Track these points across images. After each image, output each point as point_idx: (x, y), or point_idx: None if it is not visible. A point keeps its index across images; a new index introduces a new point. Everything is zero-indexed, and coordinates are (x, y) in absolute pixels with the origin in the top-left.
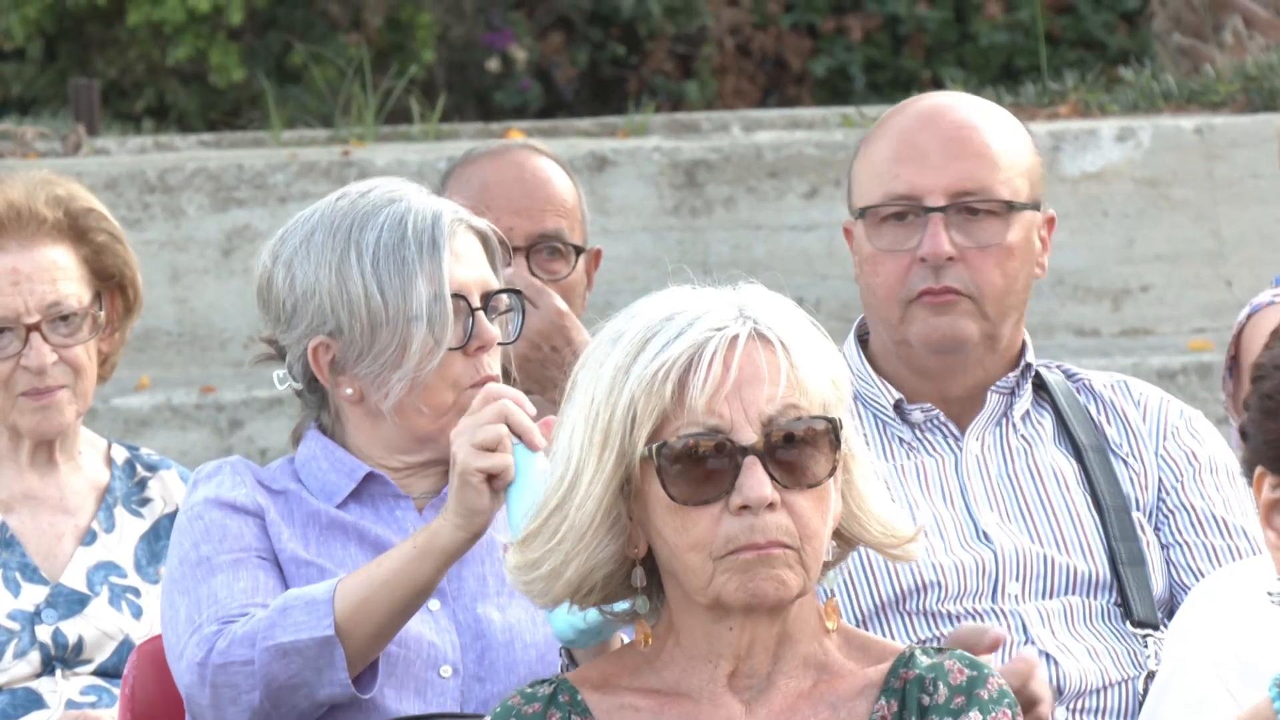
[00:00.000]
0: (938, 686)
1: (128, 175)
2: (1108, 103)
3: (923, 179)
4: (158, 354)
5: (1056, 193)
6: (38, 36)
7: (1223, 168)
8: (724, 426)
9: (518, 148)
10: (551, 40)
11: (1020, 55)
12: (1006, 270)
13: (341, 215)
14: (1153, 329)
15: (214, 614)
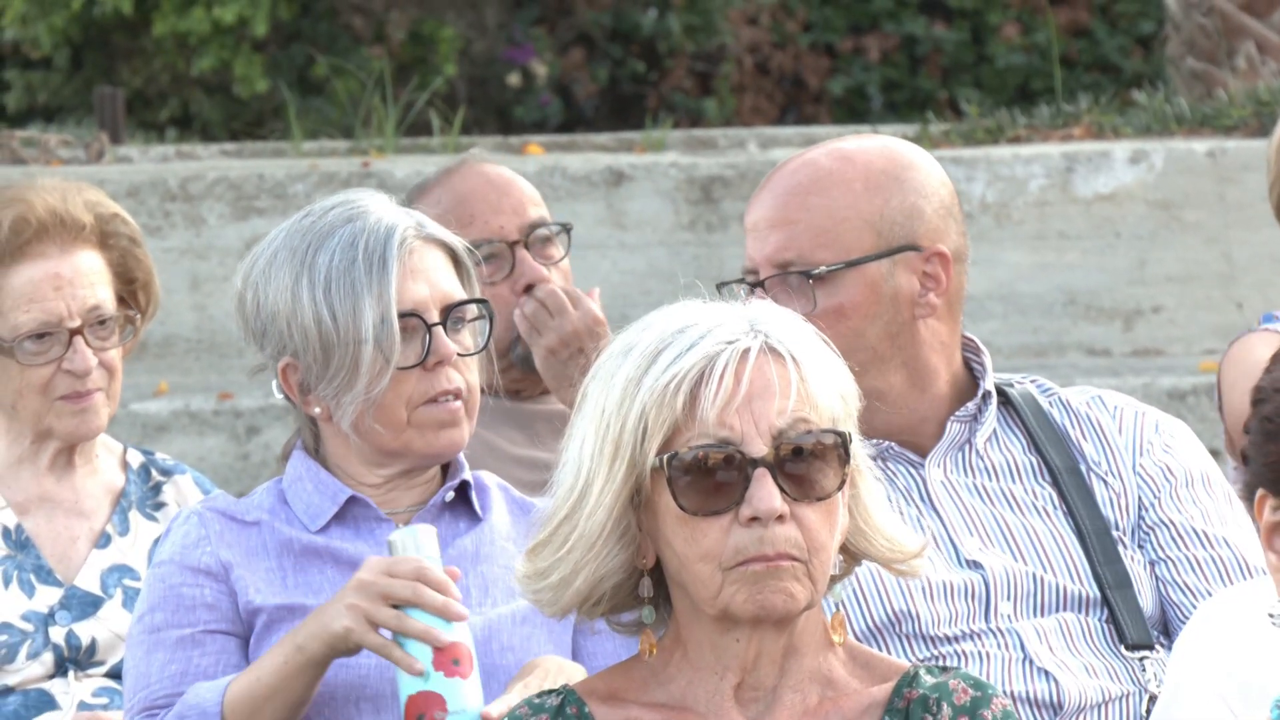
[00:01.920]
0: (942, 707)
1: (150, 183)
2: (1121, 125)
3: (754, 248)
4: (176, 360)
5: (1069, 213)
6: (64, 45)
7: (1234, 191)
8: (734, 439)
9: (470, 161)
10: (572, 56)
11: (1036, 77)
12: (841, 331)
13: (300, 236)
14: (1164, 350)
15: (145, 699)
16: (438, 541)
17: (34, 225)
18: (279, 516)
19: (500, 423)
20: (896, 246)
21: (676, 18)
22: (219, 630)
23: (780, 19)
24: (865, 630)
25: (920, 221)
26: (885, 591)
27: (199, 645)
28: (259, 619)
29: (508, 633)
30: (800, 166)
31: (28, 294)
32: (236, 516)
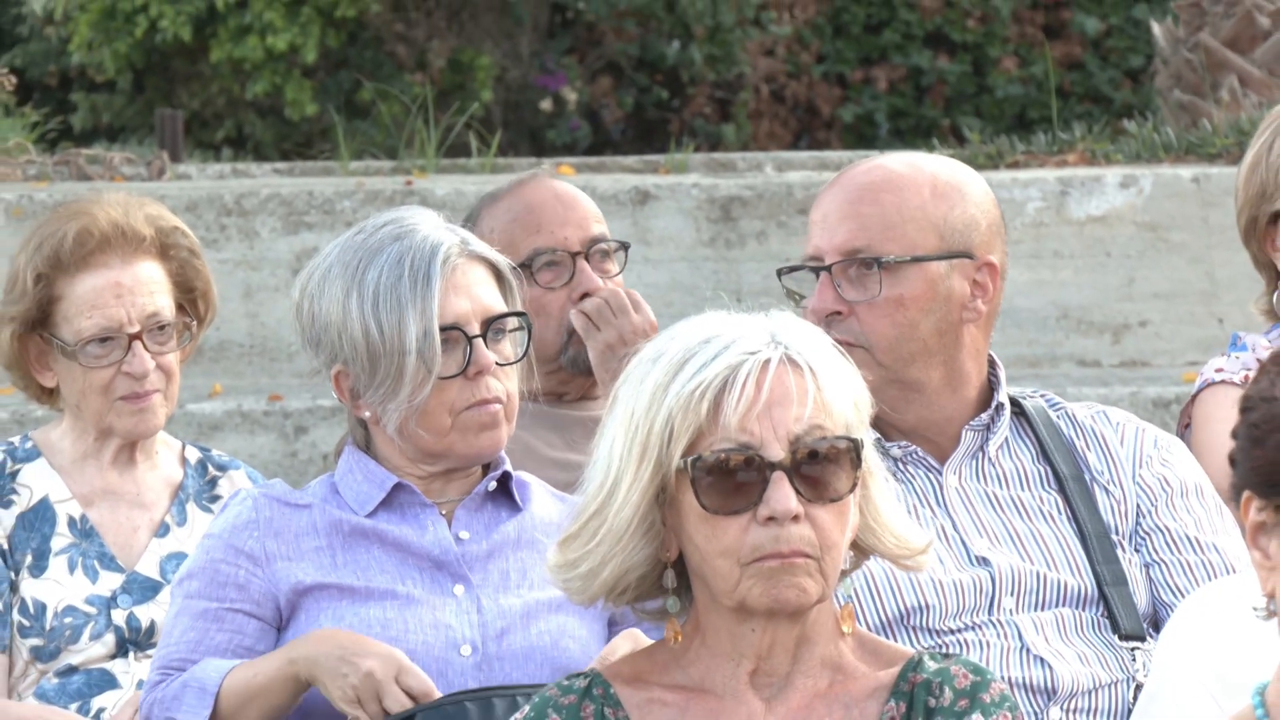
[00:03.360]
0: (944, 690)
1: (207, 199)
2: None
3: (823, 240)
4: (230, 364)
5: (1063, 234)
6: (127, 70)
7: (1217, 214)
8: (754, 443)
9: (540, 175)
10: (600, 84)
11: (1033, 107)
12: (898, 320)
13: (353, 252)
14: (1150, 361)
15: (164, 658)
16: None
17: (97, 237)
18: (330, 503)
19: (539, 426)
20: (955, 251)
21: (698, 49)
22: (241, 610)
23: (795, 50)
24: (878, 622)
25: (976, 233)
26: (899, 587)
27: (218, 620)
28: (306, 597)
29: (544, 617)
30: (873, 168)
31: (91, 301)
32: (290, 502)
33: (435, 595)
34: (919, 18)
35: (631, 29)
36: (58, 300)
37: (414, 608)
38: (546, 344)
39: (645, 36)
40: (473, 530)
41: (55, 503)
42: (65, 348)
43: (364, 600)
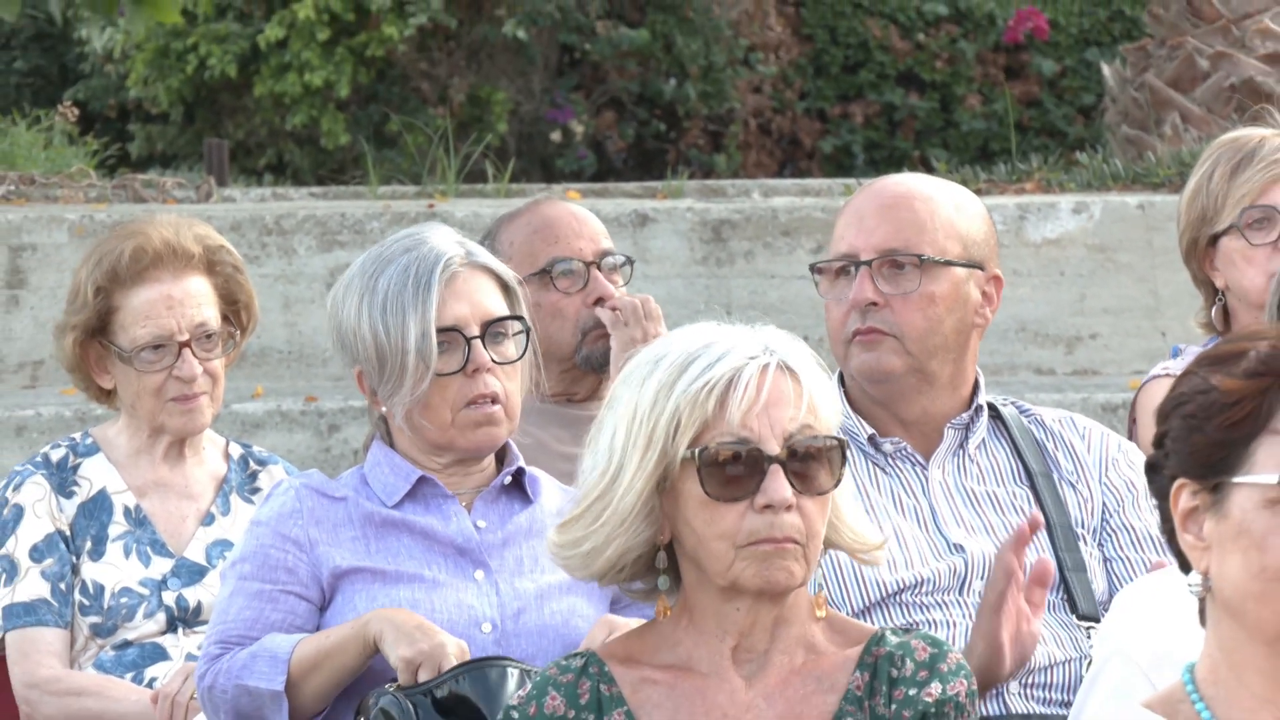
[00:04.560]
0: (905, 662)
1: (249, 219)
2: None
3: (859, 239)
4: (270, 369)
5: (1021, 255)
6: (179, 103)
7: (1160, 238)
8: (753, 439)
9: (554, 197)
10: (605, 117)
11: (994, 140)
12: (928, 314)
13: (371, 263)
14: (1099, 370)
15: (220, 633)
16: None
17: (151, 254)
18: (361, 494)
19: (550, 423)
20: (974, 261)
21: (693, 86)
22: (292, 593)
23: (780, 88)
24: (869, 602)
25: (987, 248)
26: (879, 571)
27: (273, 601)
28: (343, 580)
29: (556, 599)
30: (901, 180)
31: (144, 312)
32: (327, 493)
33: (458, 579)
34: (892, 59)
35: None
36: (115, 310)
37: (440, 590)
38: (563, 344)
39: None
40: (489, 520)
41: (112, 494)
42: (122, 353)
43: (394, 583)
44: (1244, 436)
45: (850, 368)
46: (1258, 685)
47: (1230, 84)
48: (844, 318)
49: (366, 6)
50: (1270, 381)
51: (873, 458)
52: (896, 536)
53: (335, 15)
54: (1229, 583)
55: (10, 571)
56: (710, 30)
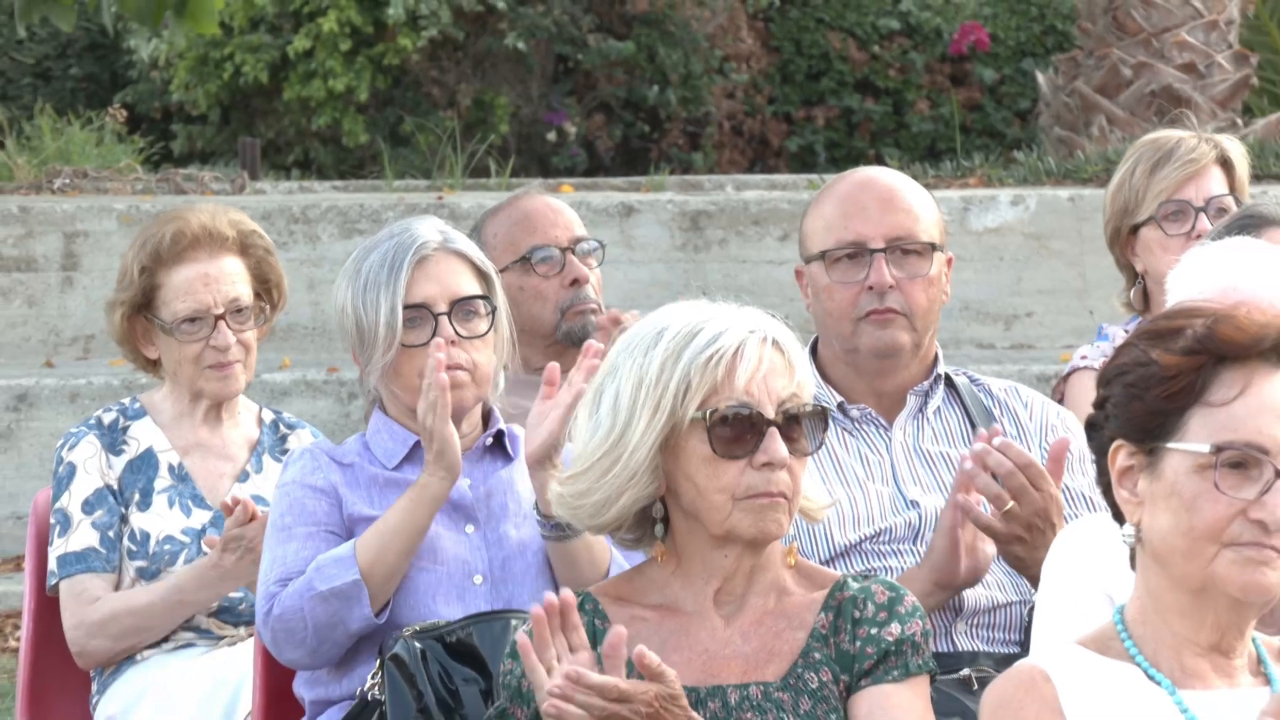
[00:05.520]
0: (866, 604)
1: (278, 210)
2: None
3: (866, 228)
4: (296, 343)
5: (965, 242)
6: (216, 106)
7: (1089, 227)
8: (754, 404)
9: (531, 191)
10: (595, 120)
11: (941, 140)
12: (930, 295)
13: (363, 249)
14: (1034, 345)
15: (279, 574)
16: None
17: (189, 237)
18: (365, 459)
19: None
20: (942, 245)
21: (673, 92)
22: (332, 531)
23: (751, 94)
24: (837, 549)
25: (944, 234)
26: (844, 525)
27: (322, 539)
28: (358, 525)
29: (536, 545)
30: (882, 174)
31: (184, 289)
32: (337, 458)
33: (452, 533)
34: (850, 68)
35: (620, 76)
36: (158, 288)
37: (438, 543)
38: (544, 323)
39: (631, 82)
40: (474, 477)
41: (158, 452)
42: (164, 326)
43: None
44: (1179, 407)
45: (860, 344)
46: (1180, 627)
47: (1151, 90)
48: (854, 299)
49: (384, 20)
50: (1205, 359)
51: (841, 423)
52: (862, 492)
53: (356, 28)
54: (1158, 536)
55: (64, 524)
56: (689, 42)
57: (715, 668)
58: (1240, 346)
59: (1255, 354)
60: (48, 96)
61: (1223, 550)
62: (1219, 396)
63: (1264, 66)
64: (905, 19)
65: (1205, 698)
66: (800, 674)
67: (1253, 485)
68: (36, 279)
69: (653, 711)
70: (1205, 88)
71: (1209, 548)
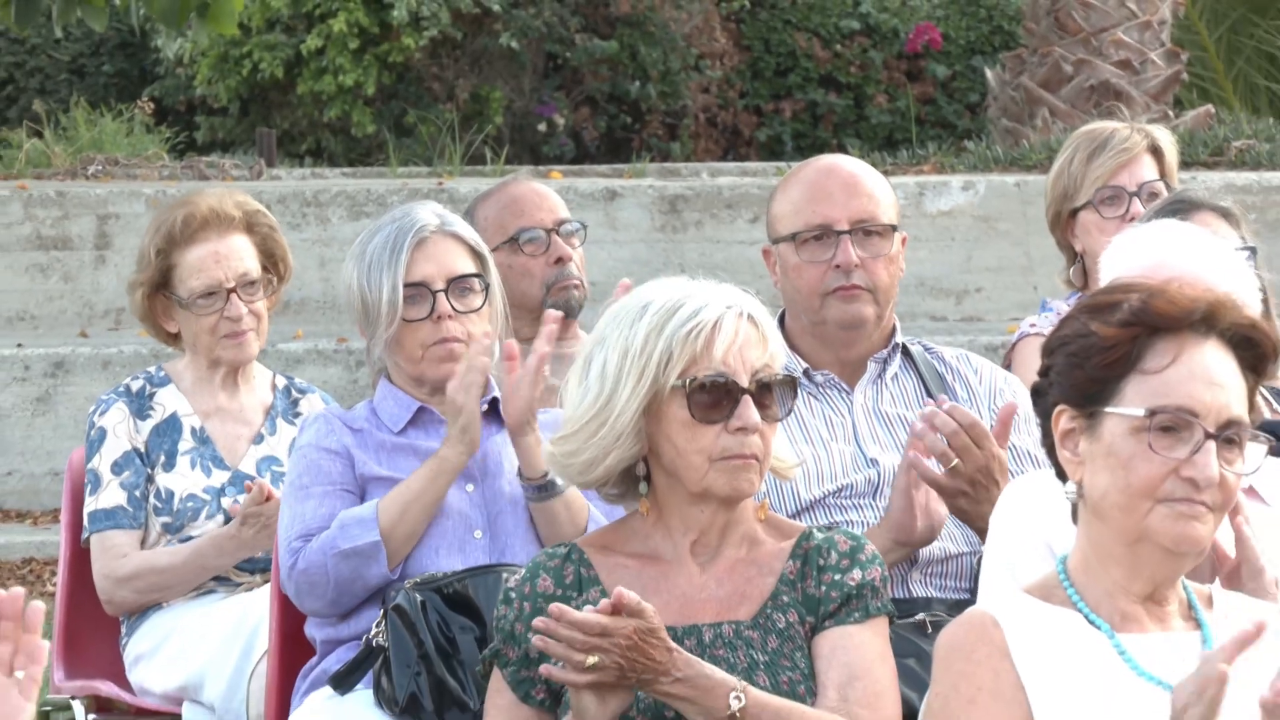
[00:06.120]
0: (830, 553)
1: (292, 194)
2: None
3: (833, 212)
4: (309, 315)
5: (919, 224)
6: (236, 99)
7: (1033, 210)
8: (730, 374)
9: (520, 178)
10: (581, 112)
11: (898, 131)
12: (890, 272)
13: (368, 232)
14: (983, 317)
15: (300, 530)
16: None
17: (198, 220)
18: (373, 424)
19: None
20: (898, 226)
21: (653, 87)
22: (347, 490)
23: (724, 89)
24: (805, 503)
25: (901, 216)
26: (809, 482)
27: (337, 497)
28: (370, 485)
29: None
30: (845, 161)
31: (197, 267)
32: (348, 423)
33: (455, 491)
34: (815, 65)
35: (604, 72)
36: (174, 268)
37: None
38: (532, 298)
39: (614, 78)
40: None
41: (182, 416)
42: (181, 301)
43: None
44: (1116, 375)
45: (827, 317)
46: (1118, 576)
47: (1090, 85)
48: (822, 276)
49: (389, 21)
50: (1139, 330)
51: (806, 388)
52: (826, 452)
53: (363, 28)
54: (1098, 493)
55: (95, 483)
56: (667, 42)
57: (691, 609)
58: (1172, 319)
59: (1186, 325)
60: (82, 91)
61: (1156, 506)
62: (1153, 365)
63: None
64: (865, 20)
65: (1141, 640)
66: (769, 615)
67: (1184, 446)
68: (72, 257)
69: (631, 644)
70: (1139, 83)
71: (1143, 503)
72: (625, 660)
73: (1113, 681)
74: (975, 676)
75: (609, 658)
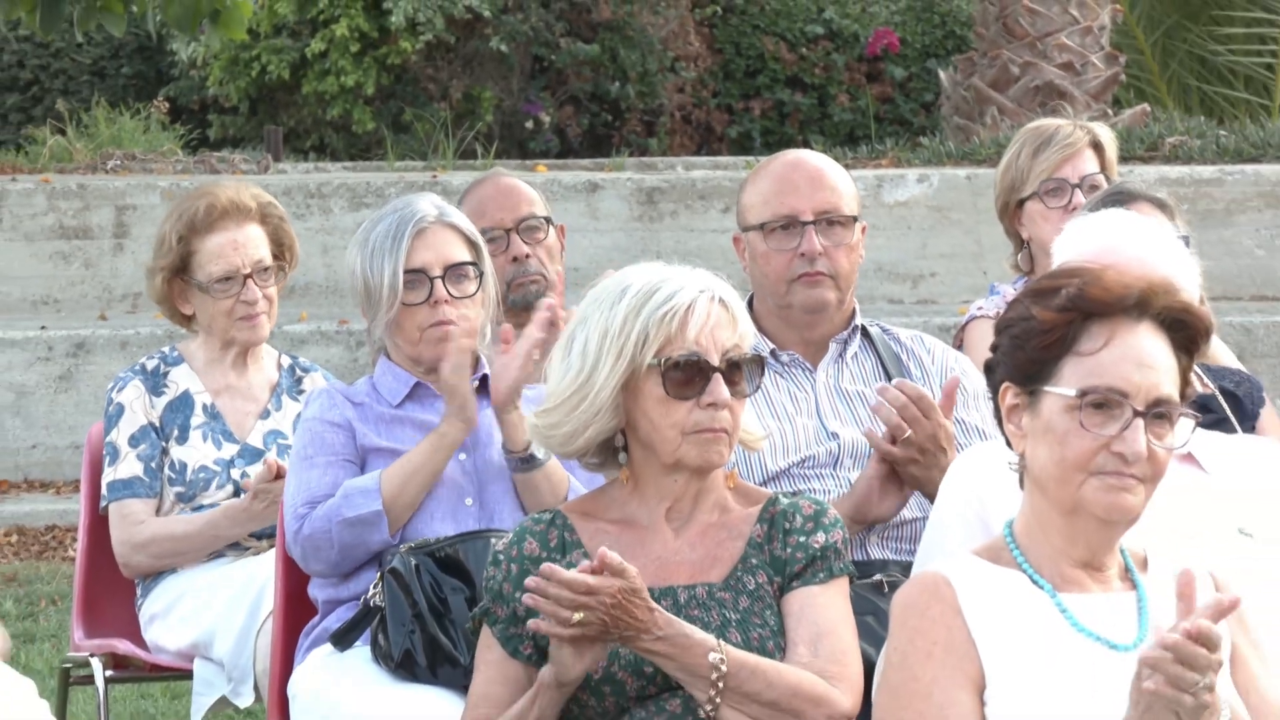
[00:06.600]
0: (795, 517)
1: (297, 186)
2: (912, 158)
3: (798, 204)
4: (312, 299)
5: (878, 214)
6: (245, 99)
7: (983, 201)
8: (702, 353)
9: (490, 176)
10: (566, 110)
11: (859, 128)
12: (851, 259)
13: (371, 222)
14: (936, 300)
15: (306, 497)
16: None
17: (219, 209)
18: (373, 399)
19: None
20: (858, 216)
21: (632, 87)
22: (349, 460)
23: (698, 89)
24: (771, 473)
25: (861, 206)
26: (775, 453)
27: (340, 467)
28: (370, 455)
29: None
30: (810, 156)
31: (216, 253)
32: (350, 397)
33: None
34: (782, 67)
35: (587, 74)
36: (193, 254)
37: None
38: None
39: (596, 79)
40: None
41: (194, 394)
42: (201, 285)
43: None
44: (1054, 356)
45: (793, 301)
46: (1058, 541)
47: (1035, 85)
48: (788, 264)
49: (387, 26)
50: (1075, 315)
51: (773, 366)
52: (790, 425)
53: (364, 33)
54: (1038, 465)
55: (114, 455)
56: (645, 45)
57: (667, 572)
58: (1106, 304)
59: (1119, 311)
60: (103, 91)
61: (1089, 478)
62: (1087, 347)
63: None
64: (828, 25)
65: (1081, 599)
66: (740, 576)
67: (1114, 423)
68: (93, 245)
69: (616, 602)
70: (1081, 83)
71: (1077, 476)
72: (609, 618)
73: (1055, 637)
74: (930, 632)
75: (594, 615)
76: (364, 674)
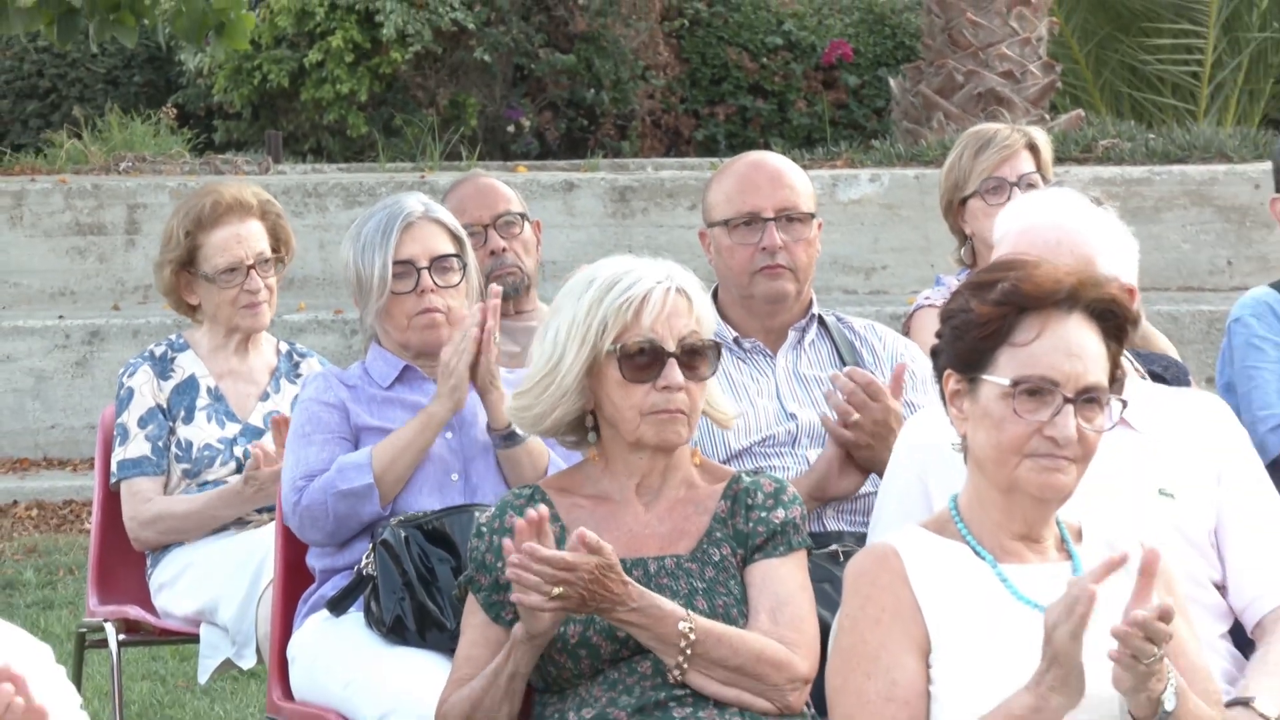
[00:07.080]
0: (756, 494)
1: (296, 186)
2: (865, 160)
3: (760, 201)
4: (310, 290)
5: (833, 210)
6: (248, 105)
7: (930, 199)
8: (658, 340)
9: (470, 177)
10: (545, 115)
11: (815, 131)
12: (809, 253)
13: (362, 218)
14: (887, 291)
15: (303, 471)
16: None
17: (223, 206)
18: (365, 381)
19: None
20: (815, 213)
21: (606, 94)
22: (344, 437)
23: (667, 95)
24: (733, 451)
25: (818, 204)
26: (737, 433)
27: (336, 444)
28: (362, 434)
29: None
30: (770, 157)
31: (221, 246)
32: (344, 380)
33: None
34: (745, 75)
35: (565, 81)
36: (199, 247)
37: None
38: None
39: (573, 86)
40: None
41: (199, 378)
42: (207, 277)
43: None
44: (990, 347)
45: (755, 292)
46: (997, 515)
47: (978, 92)
48: (750, 257)
49: (379, 38)
50: (1010, 309)
51: (736, 353)
52: (752, 407)
53: (357, 44)
54: (977, 448)
55: (123, 435)
56: (619, 55)
57: (637, 544)
58: (1038, 299)
59: (1051, 304)
60: (116, 98)
61: (1023, 460)
62: (1021, 338)
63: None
64: (787, 36)
65: (1020, 570)
66: (705, 549)
67: (1046, 409)
68: (106, 241)
69: (593, 578)
70: (1020, 90)
71: (1012, 458)
72: (586, 592)
73: (995, 605)
74: (879, 599)
75: (572, 589)
76: (358, 638)
